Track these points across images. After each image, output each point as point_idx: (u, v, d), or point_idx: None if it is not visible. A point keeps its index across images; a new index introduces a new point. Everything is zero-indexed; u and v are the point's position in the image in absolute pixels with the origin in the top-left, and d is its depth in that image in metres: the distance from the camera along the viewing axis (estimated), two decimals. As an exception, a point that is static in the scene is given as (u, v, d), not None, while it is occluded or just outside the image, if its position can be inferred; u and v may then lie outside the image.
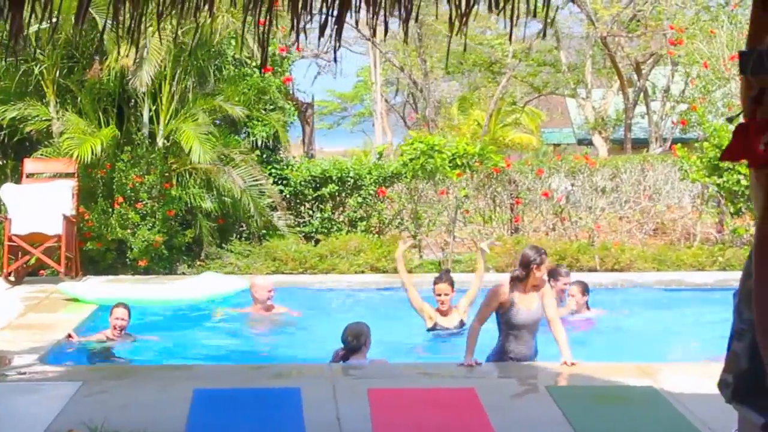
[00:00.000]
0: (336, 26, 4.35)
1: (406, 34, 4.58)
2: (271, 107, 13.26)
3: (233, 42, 12.62)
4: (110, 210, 11.35)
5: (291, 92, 24.51)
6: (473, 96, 31.11)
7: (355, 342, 7.03)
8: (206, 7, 4.41)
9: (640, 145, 23.51)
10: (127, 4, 4.40)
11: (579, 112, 27.73)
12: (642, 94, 23.74)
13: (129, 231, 11.28)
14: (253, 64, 13.01)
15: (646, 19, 21.95)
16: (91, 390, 6.00)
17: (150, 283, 10.79)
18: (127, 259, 11.50)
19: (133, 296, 9.90)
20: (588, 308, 8.99)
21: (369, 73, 29.20)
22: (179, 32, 11.50)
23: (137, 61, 10.92)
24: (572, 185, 13.63)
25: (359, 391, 5.93)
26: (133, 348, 8.14)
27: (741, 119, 4.11)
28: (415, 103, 26.67)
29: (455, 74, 30.41)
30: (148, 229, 11.28)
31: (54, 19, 10.75)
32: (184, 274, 11.58)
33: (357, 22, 21.60)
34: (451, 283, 8.30)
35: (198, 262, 11.85)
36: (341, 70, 35.86)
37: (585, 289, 8.96)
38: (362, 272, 11.44)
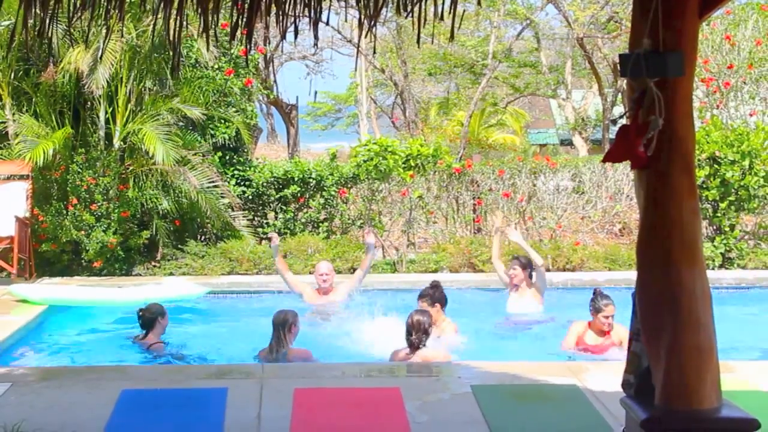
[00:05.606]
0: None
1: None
2: (234, 109, 13.27)
3: (193, 44, 12.61)
4: (65, 211, 11.34)
5: (276, 94, 24.56)
6: (456, 97, 31.19)
7: (280, 328, 7.25)
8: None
9: (620, 145, 23.52)
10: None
11: (560, 112, 27.82)
12: (620, 95, 23.83)
13: (83, 232, 11.27)
14: (216, 66, 13.02)
15: (623, 20, 22.01)
16: (20, 391, 6.06)
17: (103, 285, 10.77)
18: (83, 261, 11.50)
19: (84, 298, 9.96)
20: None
21: (358, 75, 29.27)
22: (134, 34, 11.53)
23: (91, 64, 10.93)
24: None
25: (286, 391, 5.99)
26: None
27: (624, 121, 4.17)
28: (404, 105, 26.74)
29: (437, 75, 30.47)
30: (103, 231, 11.28)
31: (6, 22, 10.80)
32: (139, 275, 11.60)
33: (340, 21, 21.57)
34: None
35: (154, 263, 11.87)
36: (332, 72, 35.86)
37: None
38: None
